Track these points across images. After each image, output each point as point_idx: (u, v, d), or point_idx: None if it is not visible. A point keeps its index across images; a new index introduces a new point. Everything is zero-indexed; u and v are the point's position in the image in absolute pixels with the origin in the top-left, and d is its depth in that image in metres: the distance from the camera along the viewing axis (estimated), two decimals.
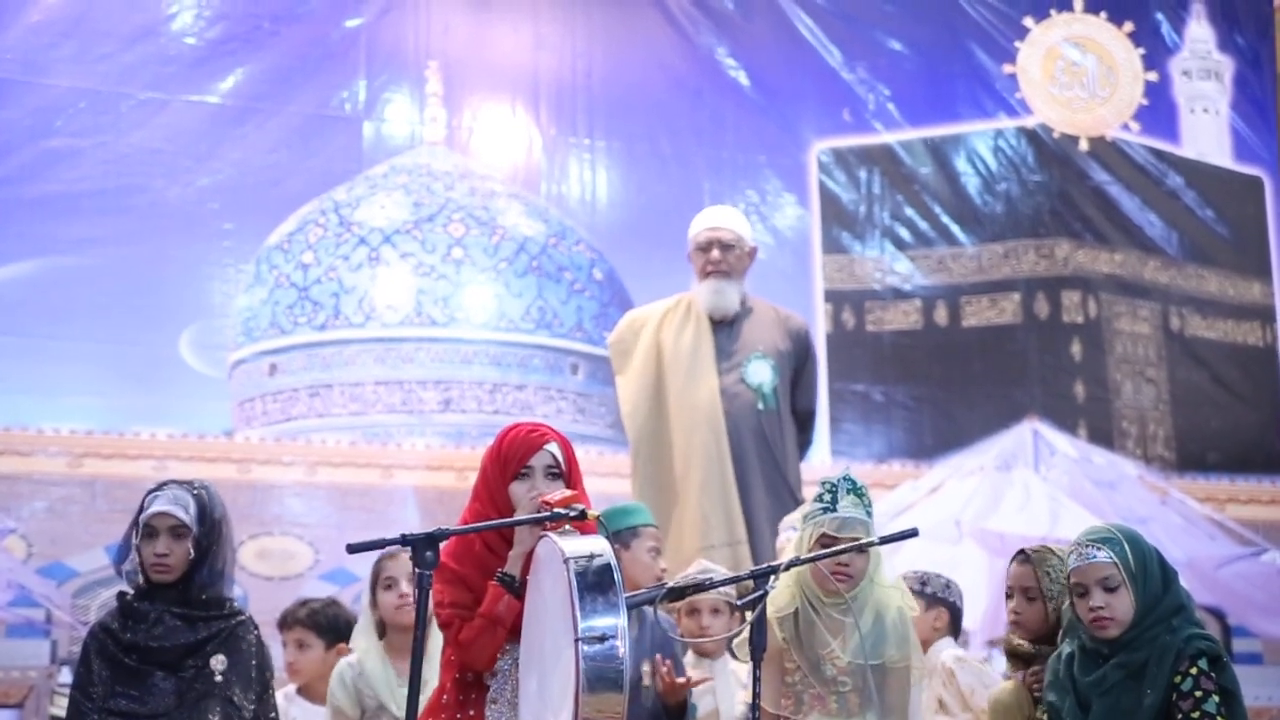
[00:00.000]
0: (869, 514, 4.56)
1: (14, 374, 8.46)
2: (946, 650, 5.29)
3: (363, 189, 9.32)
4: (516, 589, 4.14)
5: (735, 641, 4.67)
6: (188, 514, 4.68)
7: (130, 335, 8.63)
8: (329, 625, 6.03)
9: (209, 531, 4.70)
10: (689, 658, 5.84)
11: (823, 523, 4.49)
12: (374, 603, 5.54)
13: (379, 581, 5.52)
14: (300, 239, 9.15)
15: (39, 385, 8.50)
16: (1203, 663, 4.10)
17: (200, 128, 9.03)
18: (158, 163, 8.91)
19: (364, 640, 5.59)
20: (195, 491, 4.74)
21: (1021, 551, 4.77)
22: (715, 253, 7.04)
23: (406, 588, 5.40)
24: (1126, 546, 4.23)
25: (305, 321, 9.07)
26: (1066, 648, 4.30)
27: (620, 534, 5.76)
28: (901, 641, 4.53)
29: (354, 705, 5.46)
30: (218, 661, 4.64)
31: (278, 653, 5.71)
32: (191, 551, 4.66)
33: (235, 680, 4.63)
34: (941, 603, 5.27)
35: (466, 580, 4.26)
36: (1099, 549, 4.22)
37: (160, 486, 4.77)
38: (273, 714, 4.75)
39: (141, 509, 4.72)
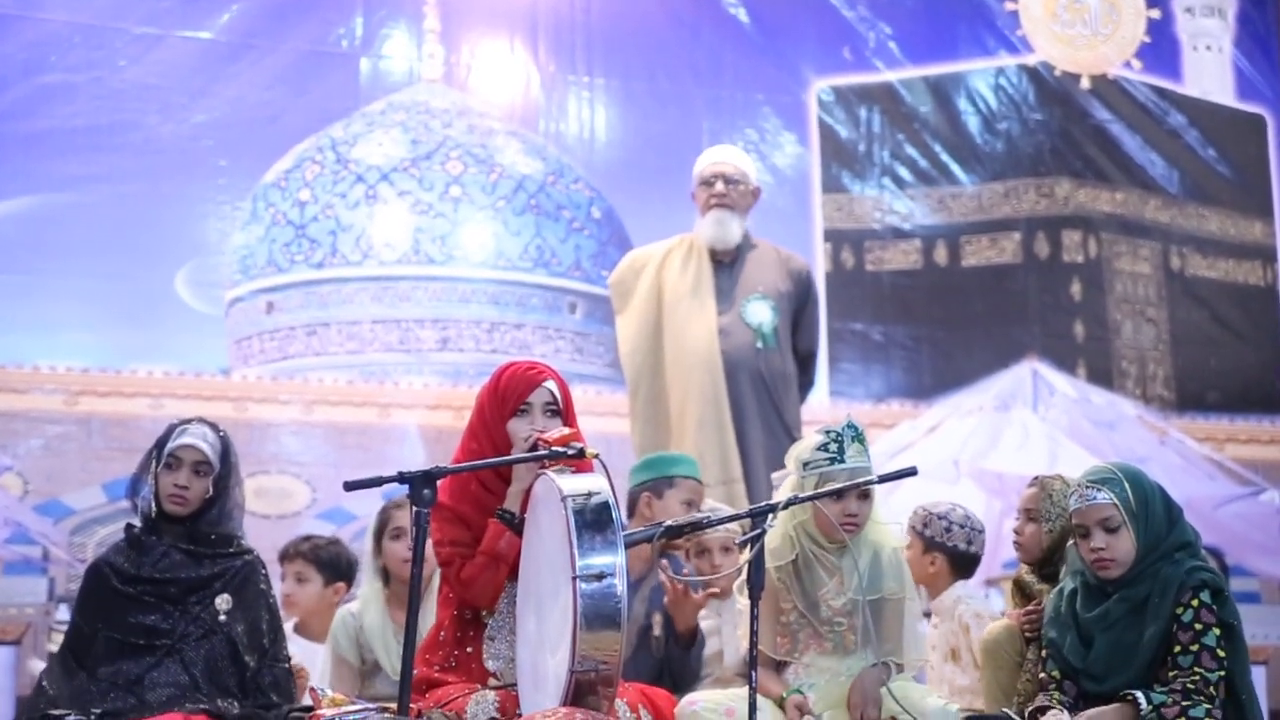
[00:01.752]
0: (869, 458, 4.55)
1: (9, 311, 8.43)
2: (964, 602, 5.25)
3: (360, 126, 9.27)
4: (517, 525, 4.13)
5: (736, 581, 4.68)
6: (213, 452, 4.70)
7: (126, 272, 8.60)
8: (330, 562, 6.03)
9: (227, 473, 4.73)
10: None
11: (831, 474, 4.47)
12: (377, 550, 5.53)
13: (385, 531, 5.51)
14: (297, 176, 9.11)
15: (35, 322, 8.47)
16: (1204, 595, 4.10)
17: (195, 64, 8.97)
18: (152, 99, 8.86)
19: (367, 589, 5.57)
20: (220, 433, 4.79)
21: (1036, 477, 4.79)
22: (720, 185, 7.01)
23: None
24: (1127, 486, 4.21)
25: (302, 259, 9.04)
26: (1069, 584, 4.29)
27: (657, 482, 5.75)
28: (897, 574, 4.54)
29: (356, 655, 5.45)
30: (223, 601, 4.65)
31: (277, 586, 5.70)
32: (210, 489, 4.68)
33: (240, 620, 4.64)
34: (939, 548, 5.23)
35: (464, 518, 4.26)
36: (1099, 490, 4.21)
37: (186, 422, 4.81)
38: (284, 652, 4.75)
39: (166, 439, 4.74)
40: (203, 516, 4.71)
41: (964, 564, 5.29)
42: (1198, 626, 4.06)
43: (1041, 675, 4.29)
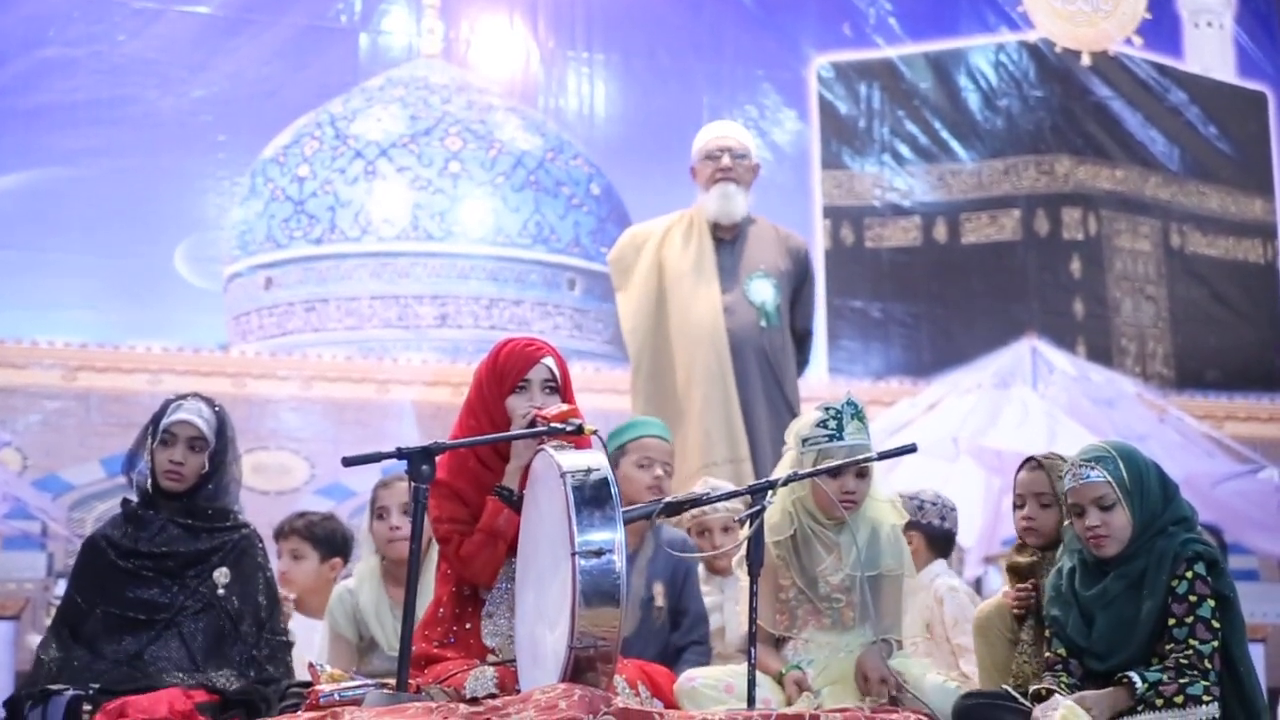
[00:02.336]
0: (868, 435, 4.55)
1: (8, 286, 8.42)
2: (941, 578, 5.31)
3: (359, 102, 9.24)
4: (515, 502, 4.13)
5: (735, 557, 4.68)
6: (208, 427, 4.70)
7: (125, 248, 8.59)
8: (325, 538, 6.03)
9: (223, 449, 4.73)
10: (699, 570, 5.84)
11: (829, 451, 4.47)
12: (372, 528, 5.53)
13: (373, 510, 5.51)
14: (296, 152, 9.09)
15: (33, 298, 8.46)
16: (1199, 567, 4.09)
17: (194, 38, 8.95)
18: (151, 73, 8.83)
19: (363, 566, 5.57)
20: (216, 408, 4.80)
21: (1031, 458, 4.71)
22: (726, 159, 6.99)
23: (398, 519, 5.37)
24: (1121, 464, 4.20)
25: (301, 235, 9.03)
26: (1067, 562, 4.28)
27: (610, 456, 5.75)
28: (897, 553, 4.56)
29: (353, 631, 5.45)
30: (221, 575, 4.65)
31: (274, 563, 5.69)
32: (206, 465, 4.68)
33: (237, 594, 4.65)
34: (915, 526, 5.28)
35: (462, 495, 4.25)
36: (1092, 468, 4.19)
37: (182, 398, 4.82)
38: (281, 625, 4.76)
39: (161, 415, 4.74)
40: (199, 491, 4.72)
41: (941, 541, 5.46)
42: (1192, 599, 4.06)
43: (1048, 654, 4.28)
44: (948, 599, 5.24)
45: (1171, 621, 4.07)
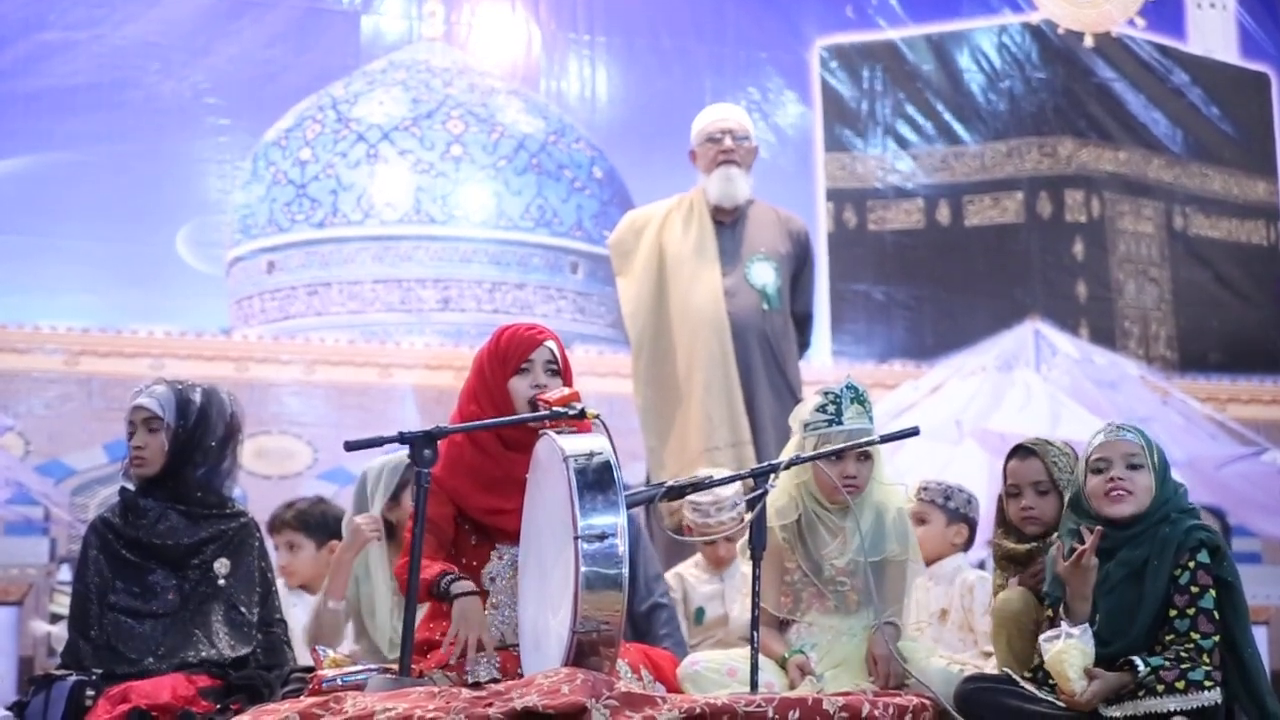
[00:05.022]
0: (871, 419, 4.54)
1: (9, 271, 8.41)
2: (966, 570, 5.27)
3: (360, 85, 9.23)
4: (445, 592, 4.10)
5: (739, 541, 4.68)
6: (161, 407, 4.65)
7: (127, 232, 8.58)
8: (318, 524, 5.99)
9: (191, 427, 4.66)
10: (697, 559, 5.85)
11: (828, 436, 4.46)
12: (392, 505, 5.42)
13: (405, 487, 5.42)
14: (298, 135, 9.07)
15: (35, 282, 8.45)
16: (1202, 555, 4.10)
17: (196, 21, 8.93)
18: (153, 57, 8.81)
19: (374, 554, 5.51)
20: (178, 388, 4.72)
21: (1020, 446, 4.70)
22: (728, 141, 6.99)
23: None
24: (1151, 439, 4.30)
25: (303, 219, 9.02)
26: (1069, 543, 4.28)
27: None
28: (902, 537, 4.54)
29: (354, 594, 5.43)
30: (221, 565, 4.64)
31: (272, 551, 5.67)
32: (166, 444, 4.63)
33: (238, 584, 4.65)
34: (964, 519, 5.27)
35: (451, 493, 4.22)
36: (1129, 431, 4.28)
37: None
38: (277, 615, 4.75)
39: None
40: (181, 475, 4.68)
41: (974, 539, 5.40)
42: (1194, 589, 4.07)
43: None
44: (979, 586, 5.18)
45: (1173, 612, 4.08)
